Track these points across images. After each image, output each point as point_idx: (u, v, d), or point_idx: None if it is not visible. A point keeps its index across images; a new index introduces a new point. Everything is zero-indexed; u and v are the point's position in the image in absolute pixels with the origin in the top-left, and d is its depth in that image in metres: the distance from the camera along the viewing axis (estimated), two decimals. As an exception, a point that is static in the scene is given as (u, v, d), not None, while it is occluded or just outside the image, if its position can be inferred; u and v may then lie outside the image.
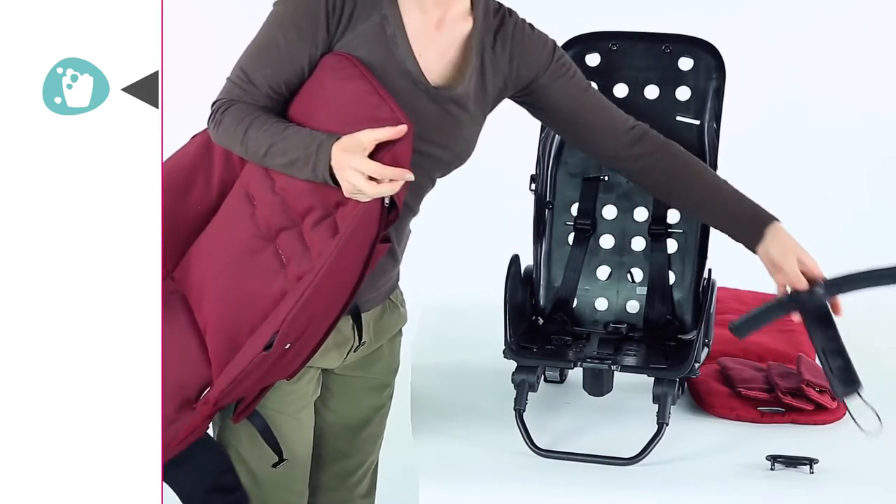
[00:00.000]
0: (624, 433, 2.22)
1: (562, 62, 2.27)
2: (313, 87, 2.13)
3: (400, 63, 2.15)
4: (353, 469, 2.42)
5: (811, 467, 2.10)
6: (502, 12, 2.25)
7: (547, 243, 2.49)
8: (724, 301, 2.81)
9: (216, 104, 2.15)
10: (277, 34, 2.13)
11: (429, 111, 2.16)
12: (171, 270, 2.24)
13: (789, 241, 2.21)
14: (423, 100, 2.16)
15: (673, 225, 2.45)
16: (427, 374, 2.51)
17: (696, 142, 2.42)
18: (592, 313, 2.48)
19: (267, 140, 2.07)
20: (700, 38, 2.46)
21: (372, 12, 2.15)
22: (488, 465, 2.14)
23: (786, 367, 2.45)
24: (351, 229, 2.04)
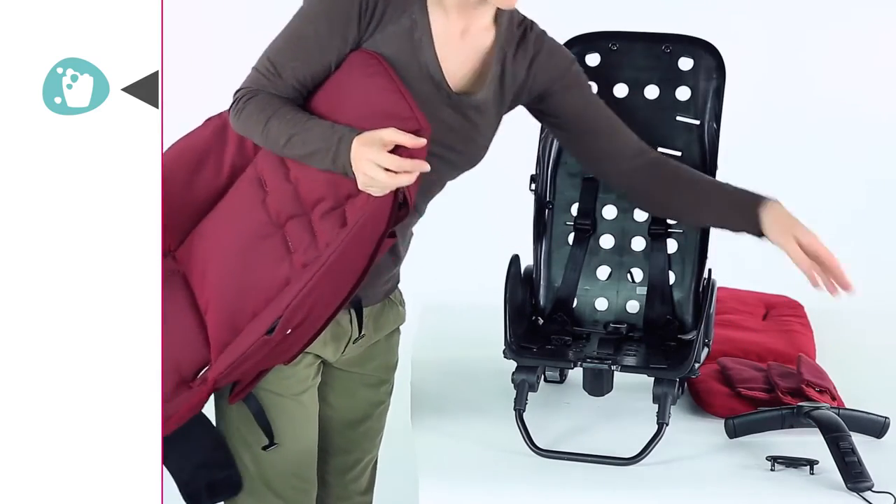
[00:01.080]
0: (624, 433, 2.22)
1: (578, 74, 2.32)
2: (340, 79, 2.16)
3: (424, 67, 2.18)
4: (351, 465, 2.43)
5: (811, 468, 2.10)
6: (525, 24, 2.28)
7: (547, 243, 2.49)
8: (724, 301, 2.81)
9: (240, 92, 2.18)
10: (309, 28, 2.16)
11: (448, 116, 2.20)
12: (174, 249, 2.26)
13: (785, 219, 2.24)
14: (443, 105, 2.19)
15: (673, 225, 2.45)
16: (427, 374, 2.51)
17: (696, 142, 2.42)
18: (592, 313, 2.47)
19: (289, 130, 2.10)
20: (700, 38, 2.46)
21: (402, 15, 2.17)
22: (488, 465, 2.14)
23: (786, 367, 2.45)
24: (361, 222, 2.07)
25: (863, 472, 2.05)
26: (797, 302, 2.91)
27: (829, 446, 2.10)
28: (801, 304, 2.90)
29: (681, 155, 2.43)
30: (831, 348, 2.68)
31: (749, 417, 2.24)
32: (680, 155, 2.43)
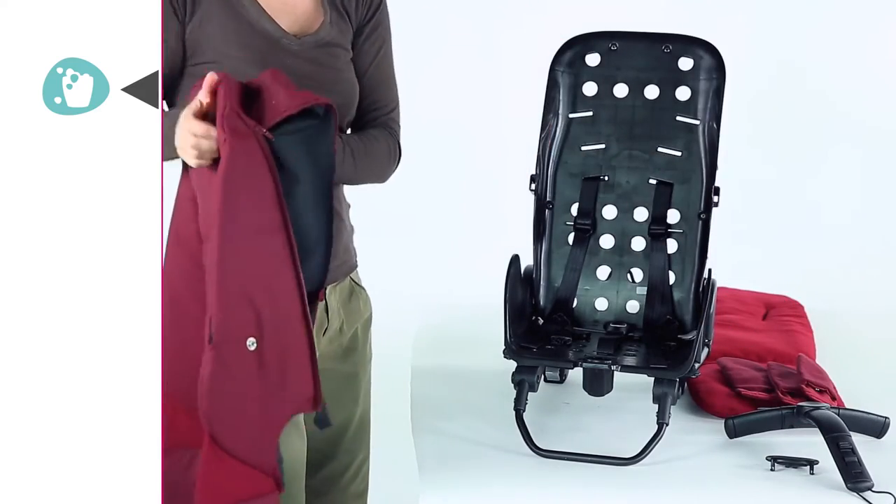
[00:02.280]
0: (624, 433, 2.22)
1: (380, 22, 2.35)
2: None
3: (255, 24, 2.20)
4: (341, 470, 2.42)
5: (811, 468, 2.10)
6: None
7: (547, 243, 2.49)
8: (724, 301, 2.81)
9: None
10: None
11: (300, 64, 2.21)
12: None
13: None
14: (290, 54, 2.21)
15: (673, 225, 2.45)
16: (427, 375, 2.51)
17: (696, 142, 2.42)
18: (592, 313, 2.47)
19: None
20: (700, 38, 2.46)
21: None
22: (488, 465, 2.14)
23: (786, 367, 2.45)
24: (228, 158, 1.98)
25: (863, 472, 2.05)
26: (797, 302, 2.92)
27: (829, 446, 2.10)
28: (801, 304, 2.91)
29: (681, 155, 2.43)
30: (831, 348, 2.68)
31: (749, 417, 2.24)
32: (680, 155, 2.43)
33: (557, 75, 2.48)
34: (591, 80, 2.44)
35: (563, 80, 2.48)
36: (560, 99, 2.48)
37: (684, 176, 2.43)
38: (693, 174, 2.43)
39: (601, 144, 2.48)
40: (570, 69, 2.48)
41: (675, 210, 2.44)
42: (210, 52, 2.21)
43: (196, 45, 2.22)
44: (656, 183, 2.45)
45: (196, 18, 2.21)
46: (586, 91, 2.48)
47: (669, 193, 2.43)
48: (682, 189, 2.43)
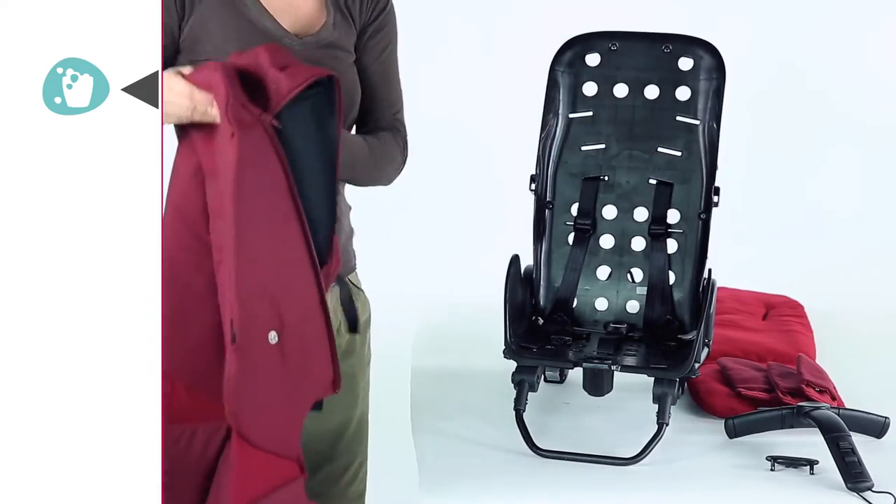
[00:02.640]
0: (624, 433, 2.22)
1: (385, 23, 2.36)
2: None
3: (255, 22, 2.20)
4: (340, 472, 2.42)
5: (811, 468, 2.10)
6: None
7: (547, 243, 2.49)
8: (724, 301, 2.81)
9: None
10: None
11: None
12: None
13: None
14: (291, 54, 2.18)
15: (673, 225, 2.45)
16: (427, 375, 2.51)
17: (697, 142, 2.43)
18: (592, 313, 2.47)
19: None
20: (700, 38, 2.46)
21: None
22: (488, 465, 2.14)
23: (786, 367, 2.45)
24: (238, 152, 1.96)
25: (863, 472, 2.05)
26: (797, 302, 2.92)
27: (829, 446, 2.11)
28: (801, 304, 2.91)
29: (681, 155, 2.43)
30: (831, 348, 2.68)
31: (749, 417, 2.24)
32: (680, 155, 2.43)
33: (557, 75, 2.48)
34: (591, 80, 2.44)
35: (563, 80, 2.48)
36: (560, 99, 2.48)
37: (684, 176, 2.43)
38: (693, 174, 2.43)
39: (601, 144, 2.48)
40: (570, 69, 2.48)
41: (675, 210, 2.44)
42: (210, 49, 2.21)
43: (195, 42, 2.22)
44: (656, 183, 2.45)
45: (196, 15, 2.21)
46: (586, 91, 2.48)
47: (669, 193, 2.43)
48: (682, 189, 2.43)
